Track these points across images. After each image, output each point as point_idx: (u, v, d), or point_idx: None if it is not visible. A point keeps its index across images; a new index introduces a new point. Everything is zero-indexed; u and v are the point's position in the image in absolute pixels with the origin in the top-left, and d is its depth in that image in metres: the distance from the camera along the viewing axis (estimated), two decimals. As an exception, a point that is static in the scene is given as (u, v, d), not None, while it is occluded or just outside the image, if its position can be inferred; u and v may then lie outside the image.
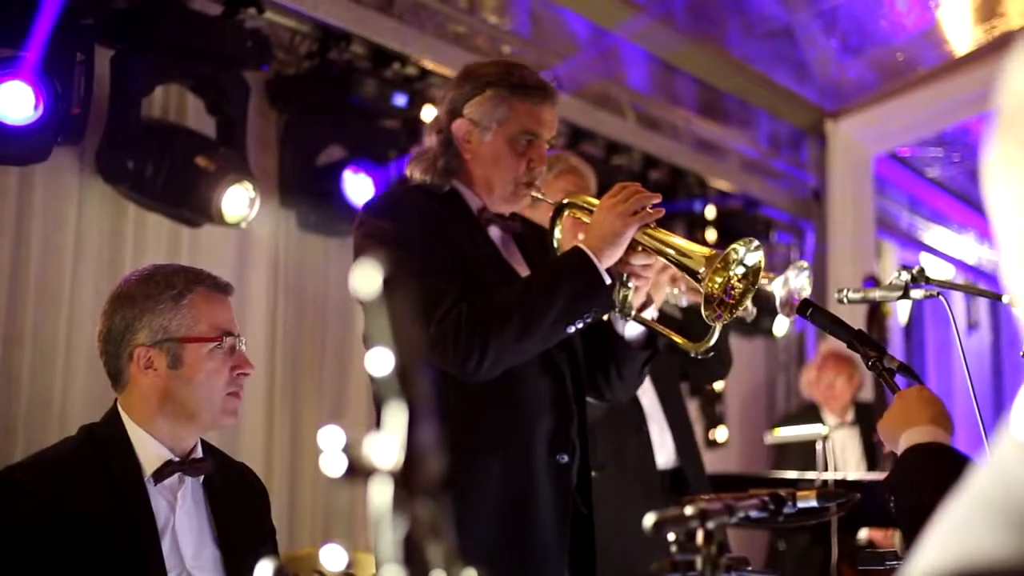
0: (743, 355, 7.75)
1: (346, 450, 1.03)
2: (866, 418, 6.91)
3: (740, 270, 2.83)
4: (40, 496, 2.59)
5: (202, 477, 2.83)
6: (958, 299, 9.97)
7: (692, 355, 3.08)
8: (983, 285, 10.29)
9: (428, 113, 5.43)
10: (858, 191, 8.27)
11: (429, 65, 5.45)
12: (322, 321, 5.34)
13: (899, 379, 2.70)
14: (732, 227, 7.31)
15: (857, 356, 2.81)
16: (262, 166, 4.96)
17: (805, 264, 3.37)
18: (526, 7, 6.36)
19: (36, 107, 3.88)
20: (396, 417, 1.02)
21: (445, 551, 1.08)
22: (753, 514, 2.09)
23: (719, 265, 2.78)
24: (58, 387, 4.25)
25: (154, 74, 4.43)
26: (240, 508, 2.89)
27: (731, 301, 2.84)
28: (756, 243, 2.85)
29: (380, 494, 1.02)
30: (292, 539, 4.98)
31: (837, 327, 2.87)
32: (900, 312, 9.34)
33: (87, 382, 4.30)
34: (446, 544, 1.08)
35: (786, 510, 2.17)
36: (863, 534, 5.41)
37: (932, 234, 10.17)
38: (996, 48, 7.37)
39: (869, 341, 2.80)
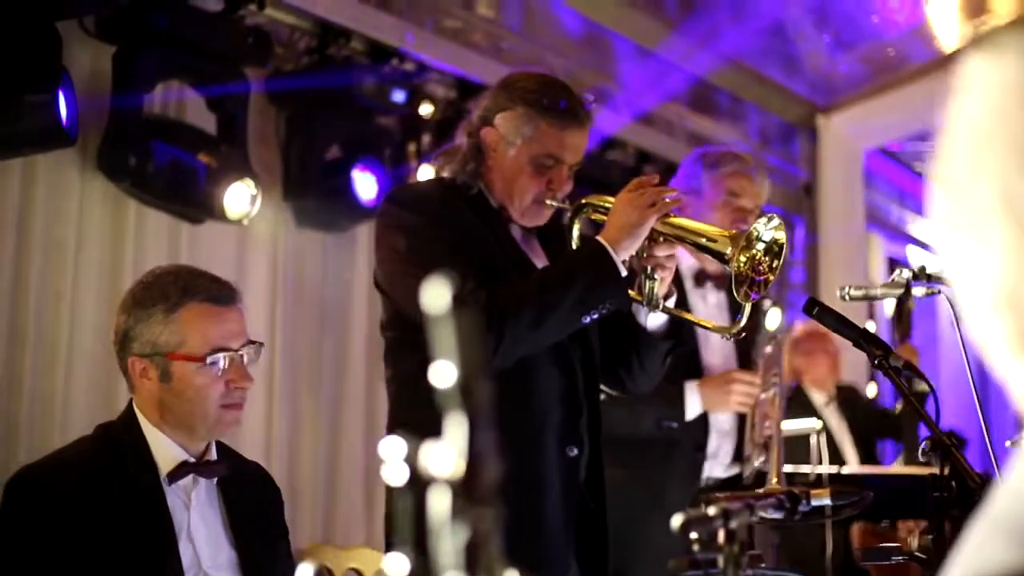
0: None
1: (407, 459, 1.05)
2: (849, 404, 6.94)
3: (761, 246, 2.87)
4: (57, 496, 2.61)
5: (216, 479, 2.84)
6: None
7: (725, 338, 3.16)
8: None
9: (426, 109, 5.47)
10: (849, 185, 8.32)
11: (426, 61, 5.48)
12: (320, 317, 5.36)
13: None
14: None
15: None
16: (260, 162, 4.97)
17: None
18: (518, 1, 6.38)
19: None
20: (456, 424, 1.04)
21: (492, 554, 1.10)
22: (770, 513, 2.13)
23: (744, 244, 2.82)
24: (60, 384, 4.25)
25: (155, 71, 4.44)
26: (255, 508, 2.90)
27: (761, 278, 2.87)
28: (776, 219, 2.89)
29: (439, 502, 1.04)
30: (291, 535, 4.99)
31: (843, 326, 2.91)
32: (887, 307, 9.39)
33: (89, 379, 4.31)
34: (495, 548, 1.10)
35: (801, 508, 2.21)
36: (884, 524, 5.44)
37: (920, 227, 10.21)
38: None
39: (875, 340, 2.84)
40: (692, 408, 3.93)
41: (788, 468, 5.36)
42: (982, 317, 0.93)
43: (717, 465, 4.08)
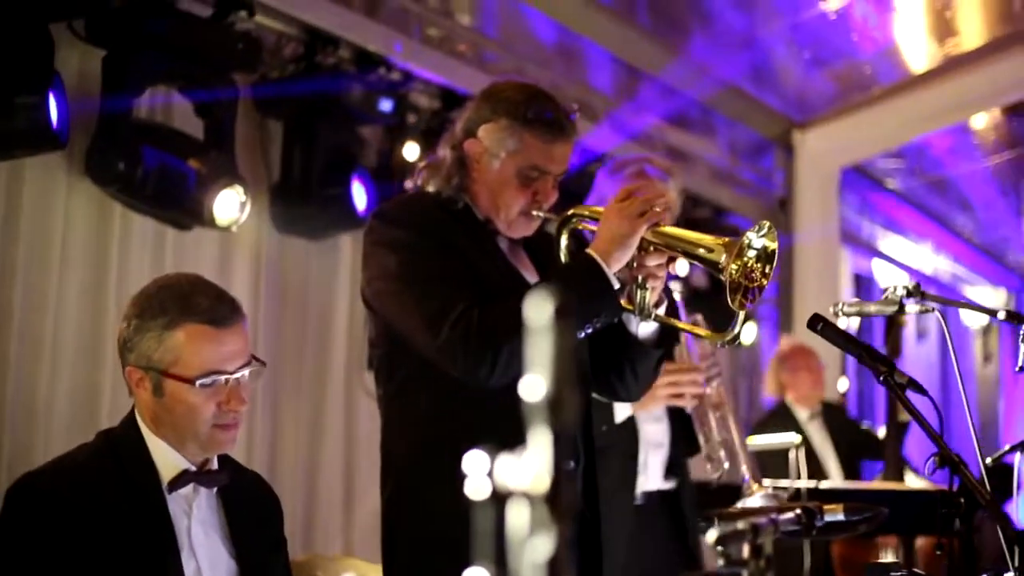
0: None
1: (490, 474, 1.04)
2: (834, 421, 6.98)
3: (753, 253, 2.84)
4: (60, 502, 2.58)
5: (216, 488, 2.80)
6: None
7: (719, 345, 3.15)
8: (934, 291, 10.39)
9: (412, 119, 5.48)
10: (824, 202, 8.39)
11: (412, 70, 5.48)
12: (302, 324, 5.34)
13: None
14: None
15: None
16: (245, 168, 4.94)
17: None
18: (493, 9, 6.39)
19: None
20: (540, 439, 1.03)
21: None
22: (788, 528, 2.14)
23: (736, 251, 2.79)
24: (43, 387, 4.21)
25: (145, 75, 4.39)
26: (254, 519, 2.85)
27: (755, 286, 2.85)
28: (767, 226, 2.88)
29: (520, 516, 1.03)
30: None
31: (847, 342, 2.93)
32: (852, 321, 9.47)
33: (73, 382, 4.29)
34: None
35: (817, 523, 2.22)
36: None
37: (889, 243, 10.30)
38: (954, 66, 7.60)
39: (879, 356, 2.86)
40: (621, 411, 3.91)
41: (767, 482, 5.39)
42: None
43: (650, 479, 4.05)
